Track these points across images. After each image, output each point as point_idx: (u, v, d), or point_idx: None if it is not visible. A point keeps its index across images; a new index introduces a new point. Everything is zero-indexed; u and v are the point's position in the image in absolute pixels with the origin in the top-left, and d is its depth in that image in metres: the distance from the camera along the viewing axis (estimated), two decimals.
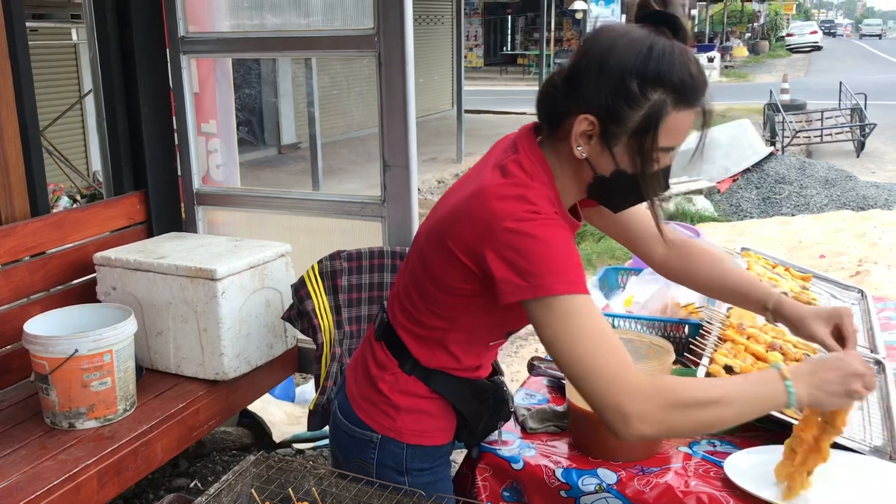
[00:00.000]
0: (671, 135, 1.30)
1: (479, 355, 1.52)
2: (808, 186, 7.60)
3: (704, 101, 1.31)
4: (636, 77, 1.27)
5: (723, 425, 1.32)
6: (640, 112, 1.28)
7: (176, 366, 2.72)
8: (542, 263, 1.27)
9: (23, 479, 2.11)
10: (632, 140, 1.30)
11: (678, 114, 1.28)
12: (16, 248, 2.63)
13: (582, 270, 1.32)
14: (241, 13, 3.09)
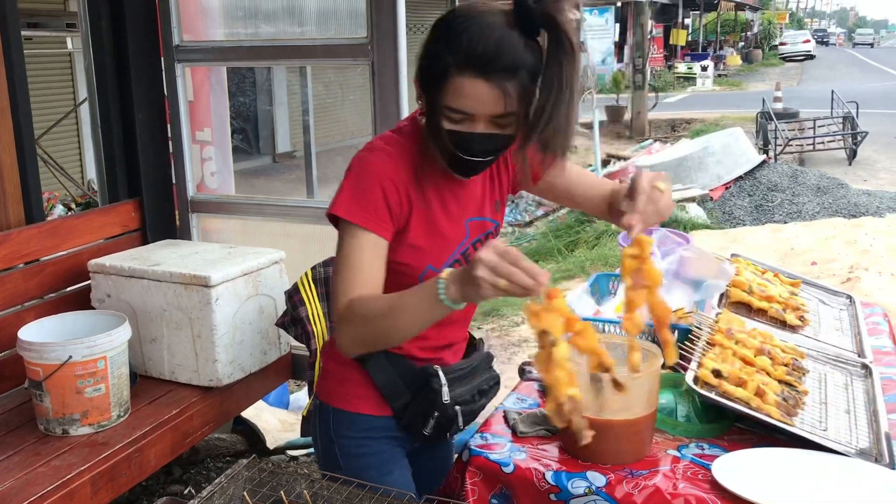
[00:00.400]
0: (457, 97, 1.42)
1: None
2: (800, 194, 7.65)
3: (497, 78, 1.38)
4: (434, 36, 1.45)
5: (402, 332, 1.48)
6: (431, 67, 1.44)
7: (170, 372, 2.73)
8: (343, 188, 1.53)
9: (16, 485, 2.12)
10: (427, 96, 1.47)
11: (462, 78, 1.40)
12: (10, 255, 2.65)
13: (365, 204, 1.50)
14: (235, 22, 3.11)
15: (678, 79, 28.32)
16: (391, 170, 1.54)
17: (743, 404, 1.64)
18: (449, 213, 1.61)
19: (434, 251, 1.60)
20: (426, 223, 1.59)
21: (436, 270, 1.57)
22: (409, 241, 1.57)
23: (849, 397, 1.83)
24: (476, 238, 1.65)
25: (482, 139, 1.46)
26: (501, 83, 1.39)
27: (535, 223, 9.24)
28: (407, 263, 1.58)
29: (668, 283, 2.11)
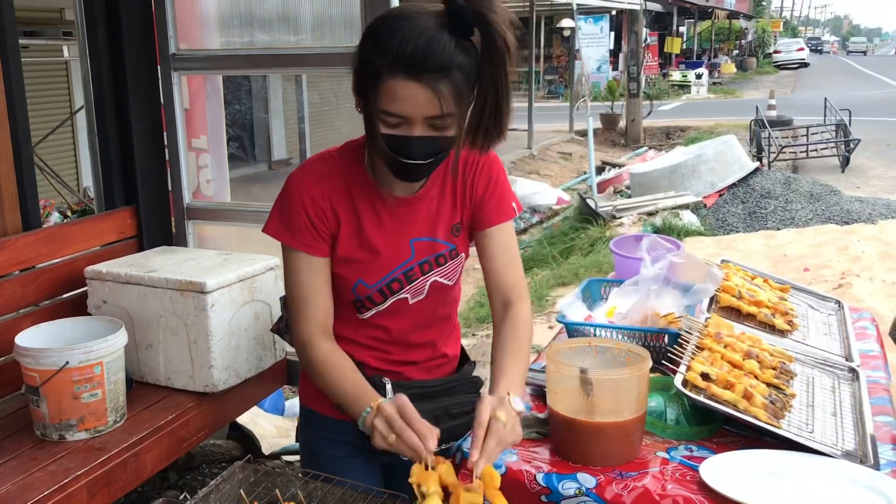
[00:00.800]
0: (389, 100, 1.41)
1: (347, 325, 1.68)
2: (793, 201, 7.69)
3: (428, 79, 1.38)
4: (365, 41, 1.44)
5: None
6: (364, 72, 1.44)
7: (166, 378, 2.75)
8: (273, 208, 1.62)
9: (13, 489, 2.13)
10: (363, 102, 1.47)
11: (394, 81, 1.39)
12: (7, 261, 2.66)
13: (291, 223, 1.57)
14: (231, 31, 3.14)
15: (673, 87, 28.46)
16: (312, 187, 1.57)
17: (731, 407, 1.67)
18: (384, 230, 1.62)
19: (366, 266, 1.62)
20: (356, 238, 1.61)
21: (367, 286, 1.62)
22: (339, 253, 1.61)
23: (836, 400, 1.86)
24: (424, 259, 1.65)
25: (420, 142, 1.45)
26: (434, 84, 1.38)
27: (529, 230, 9.28)
28: (339, 275, 1.62)
29: (657, 289, 2.14)
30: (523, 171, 13.68)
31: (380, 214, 1.61)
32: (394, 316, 1.68)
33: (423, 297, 1.67)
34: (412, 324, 1.70)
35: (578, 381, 1.58)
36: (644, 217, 7.53)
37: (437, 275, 1.67)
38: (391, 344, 1.71)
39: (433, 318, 1.73)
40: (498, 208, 1.66)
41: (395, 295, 1.65)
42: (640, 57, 17.50)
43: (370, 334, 1.70)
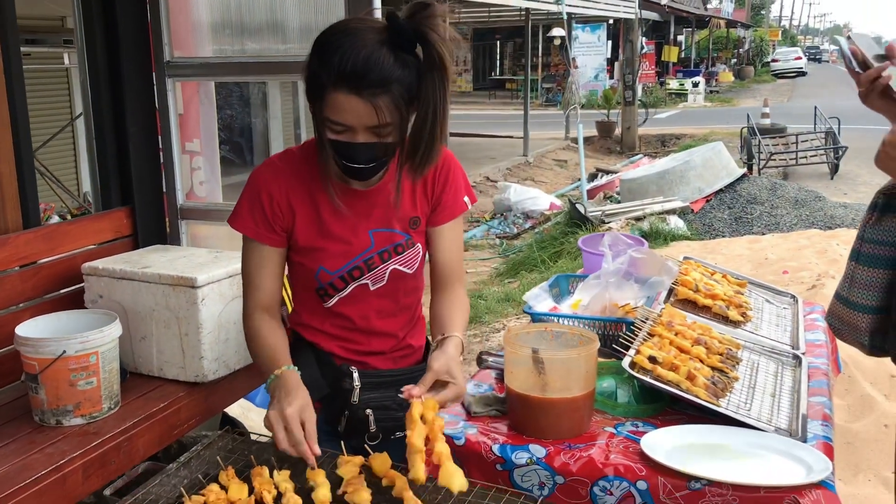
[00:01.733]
0: (333, 110, 1.54)
1: (312, 314, 1.83)
2: (778, 206, 7.84)
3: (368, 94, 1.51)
4: (312, 54, 1.56)
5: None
6: (311, 84, 1.56)
7: (158, 369, 2.88)
8: (238, 201, 1.77)
9: (12, 469, 2.26)
10: (312, 109, 1.60)
11: (337, 93, 1.52)
12: (8, 257, 2.80)
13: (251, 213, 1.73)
14: (223, 39, 3.28)
15: (669, 95, 28.63)
16: (272, 181, 1.72)
17: (674, 386, 1.81)
18: (343, 221, 1.74)
19: (327, 255, 1.75)
20: (315, 228, 1.74)
21: (329, 272, 1.75)
22: (299, 243, 1.75)
23: (777, 383, 2.00)
24: (383, 248, 1.77)
25: (363, 148, 1.58)
26: (373, 98, 1.51)
27: (522, 235, 9.42)
28: (301, 263, 1.77)
29: (616, 281, 2.29)
30: (518, 177, 13.83)
31: (338, 207, 1.73)
32: (356, 302, 1.80)
33: (383, 283, 1.80)
34: (374, 311, 1.82)
35: (531, 360, 1.72)
36: (632, 222, 7.68)
37: (395, 263, 1.79)
38: (355, 332, 1.82)
39: (395, 306, 1.85)
40: (453, 206, 1.82)
41: (356, 281, 1.77)
42: (636, 65, 17.67)
43: (335, 323, 1.82)
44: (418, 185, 1.79)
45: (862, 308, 1.82)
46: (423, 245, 1.83)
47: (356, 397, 1.78)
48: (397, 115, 1.55)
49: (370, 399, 1.78)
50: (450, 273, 1.81)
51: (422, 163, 1.65)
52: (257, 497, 1.40)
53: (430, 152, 1.62)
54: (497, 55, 35.36)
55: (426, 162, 1.65)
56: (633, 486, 1.61)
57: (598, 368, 1.97)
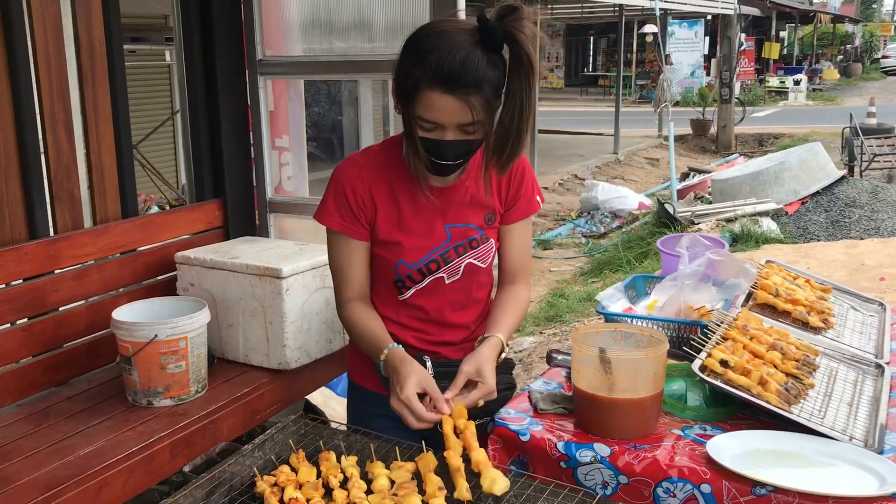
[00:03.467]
0: (426, 109, 1.61)
1: (386, 304, 1.89)
2: (879, 211, 7.52)
3: (462, 93, 1.57)
4: (406, 54, 1.63)
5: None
6: (405, 82, 1.63)
7: (244, 355, 3.00)
8: (323, 196, 1.84)
9: (107, 445, 2.41)
10: (401, 105, 1.67)
11: (432, 92, 1.58)
12: (108, 245, 2.97)
13: (337, 208, 1.80)
14: (312, 38, 3.39)
15: (769, 93, 27.76)
16: (355, 177, 1.79)
17: (744, 391, 1.79)
18: (422, 216, 1.81)
19: (406, 248, 1.81)
20: (395, 223, 1.80)
21: (407, 266, 1.81)
22: (379, 237, 1.81)
23: (855, 392, 1.95)
24: (458, 243, 1.83)
25: (452, 146, 1.64)
26: (466, 97, 1.57)
27: (609, 235, 9.33)
28: (382, 256, 1.84)
29: (693, 283, 2.26)
30: (608, 175, 13.67)
31: (417, 201, 1.81)
32: (431, 295, 1.87)
33: (458, 277, 1.86)
34: (448, 303, 1.89)
35: (598, 360, 1.73)
36: (723, 223, 7.50)
37: (471, 257, 1.86)
38: (429, 323, 1.90)
39: (468, 299, 1.92)
40: (527, 206, 1.88)
41: (433, 274, 1.84)
42: (733, 62, 17.19)
43: (410, 314, 1.89)
44: (494, 182, 1.84)
45: None
46: (495, 240, 1.89)
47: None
48: (486, 113, 1.61)
49: (443, 387, 1.81)
50: (516, 270, 1.87)
51: (508, 159, 1.71)
52: (324, 480, 1.47)
53: (517, 149, 1.68)
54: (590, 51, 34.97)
55: (512, 158, 1.71)
56: (696, 489, 1.60)
57: (668, 370, 1.97)
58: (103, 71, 2.95)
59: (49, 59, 2.75)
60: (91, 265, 2.90)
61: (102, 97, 2.96)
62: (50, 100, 2.76)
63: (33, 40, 2.71)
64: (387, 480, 1.44)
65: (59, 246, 2.77)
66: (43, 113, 2.75)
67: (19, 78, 2.66)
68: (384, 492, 1.40)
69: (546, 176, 12.93)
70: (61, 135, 2.81)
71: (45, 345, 2.75)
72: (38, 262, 2.71)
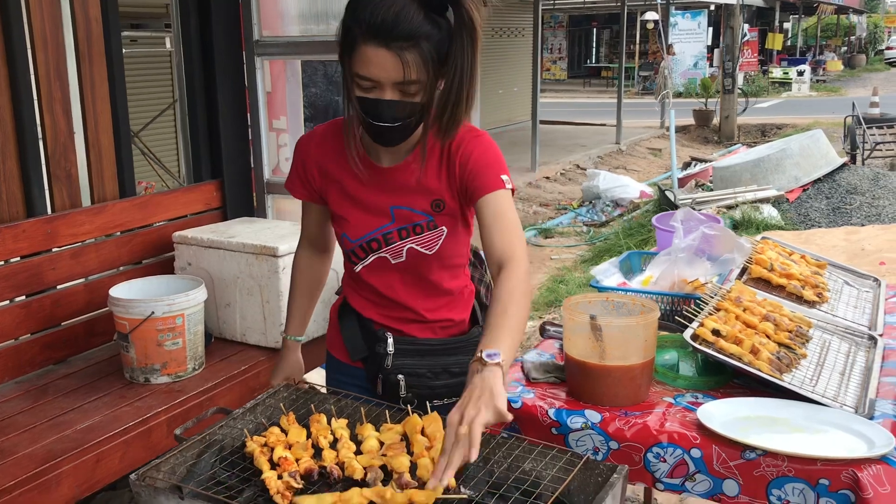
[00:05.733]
0: (363, 65, 1.56)
1: (350, 277, 1.93)
2: (880, 197, 7.51)
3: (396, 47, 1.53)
4: (346, 11, 1.59)
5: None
6: (343, 40, 1.60)
7: (241, 334, 3.01)
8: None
9: (104, 420, 2.43)
10: (343, 68, 1.62)
11: (366, 46, 1.54)
12: (106, 224, 2.98)
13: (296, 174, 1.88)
14: (308, 19, 3.39)
15: (772, 84, 27.67)
16: (305, 151, 1.86)
17: (736, 359, 1.80)
18: (367, 194, 1.78)
19: (350, 223, 1.80)
20: (343, 198, 1.81)
21: (350, 240, 1.81)
22: (332, 208, 1.85)
23: (847, 362, 1.96)
24: (402, 226, 1.78)
25: (389, 105, 1.59)
26: (401, 52, 1.53)
27: (610, 223, 9.32)
28: (334, 228, 1.91)
29: (688, 257, 2.27)
30: (610, 165, 13.65)
31: (363, 179, 1.78)
32: (379, 273, 1.84)
33: (402, 259, 1.81)
34: (399, 282, 1.84)
35: (589, 327, 1.73)
36: (723, 210, 7.50)
37: (413, 242, 1.79)
38: (385, 300, 1.86)
39: (420, 281, 1.85)
40: (485, 179, 1.71)
41: (375, 253, 1.81)
42: (736, 53, 17.14)
43: (366, 289, 1.88)
44: (443, 164, 1.76)
45: None
46: (449, 228, 1.80)
47: (389, 362, 1.83)
48: (424, 73, 1.56)
49: (403, 365, 1.83)
50: (500, 256, 1.65)
51: (448, 126, 1.67)
52: (314, 441, 1.47)
53: (457, 114, 1.64)
54: (593, 43, 34.87)
55: (453, 125, 1.66)
56: (686, 454, 1.61)
57: (661, 341, 1.98)
58: (100, 50, 2.96)
59: (46, 39, 2.76)
60: (89, 244, 2.92)
61: (99, 77, 2.97)
62: (47, 79, 2.77)
63: (29, 20, 2.71)
64: (376, 441, 1.45)
65: (57, 224, 2.78)
66: (40, 92, 2.76)
67: (16, 57, 2.66)
68: (373, 452, 1.41)
69: (548, 166, 12.92)
70: (58, 114, 2.82)
71: (44, 322, 2.77)
72: (36, 239, 2.72)
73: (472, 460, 1.27)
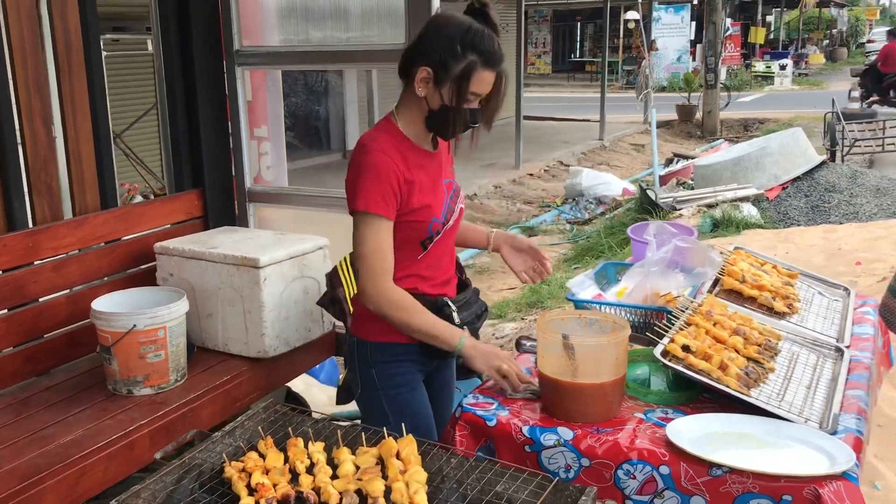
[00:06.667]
0: (478, 84, 2.00)
1: (404, 266, 2.12)
2: (858, 195, 7.59)
3: (502, 68, 2.03)
4: (459, 42, 1.96)
5: (414, 335, 2.07)
6: (461, 65, 1.97)
7: (223, 344, 3.03)
8: (354, 184, 2.03)
9: (86, 433, 2.44)
10: (454, 84, 1.99)
11: (483, 71, 1.99)
12: (87, 236, 2.99)
13: (382, 196, 2.00)
14: (288, 29, 3.40)
15: (755, 78, 27.79)
16: (391, 164, 2.01)
17: (705, 375, 1.84)
18: (431, 179, 2.13)
19: (433, 207, 2.11)
20: (421, 190, 2.07)
21: (438, 221, 2.12)
22: (414, 205, 2.07)
23: (815, 375, 2.00)
24: (450, 194, 2.19)
25: (477, 112, 2.05)
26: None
27: (593, 221, 9.38)
28: (415, 221, 2.09)
29: (660, 270, 2.31)
30: (593, 161, 13.71)
31: (425, 168, 2.11)
32: (440, 245, 2.17)
33: (454, 220, 2.20)
34: (448, 247, 2.23)
35: (562, 346, 1.77)
36: (704, 209, 7.56)
37: (461, 202, 2.24)
38: (437, 269, 2.19)
39: (452, 238, 2.25)
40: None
41: (446, 225, 2.16)
42: (718, 47, 17.21)
43: (427, 263, 2.16)
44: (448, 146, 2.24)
45: None
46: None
47: (457, 319, 2.15)
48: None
49: (464, 318, 2.18)
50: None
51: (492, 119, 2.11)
52: (291, 465, 1.51)
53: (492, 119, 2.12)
54: (577, 37, 34.90)
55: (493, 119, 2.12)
56: (655, 471, 1.65)
57: (634, 356, 2.02)
58: (80, 62, 2.96)
59: (25, 51, 2.76)
60: (71, 256, 2.93)
61: (80, 88, 2.98)
62: (27, 91, 2.78)
63: (8, 32, 2.72)
64: (352, 466, 1.48)
65: (38, 237, 2.80)
66: (20, 105, 2.76)
67: None
68: (349, 476, 1.45)
69: (531, 163, 12.95)
70: (39, 126, 2.83)
71: (26, 335, 2.78)
72: (17, 253, 2.73)
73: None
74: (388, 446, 1.51)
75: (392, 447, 1.51)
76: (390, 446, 1.51)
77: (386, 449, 1.51)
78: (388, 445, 1.52)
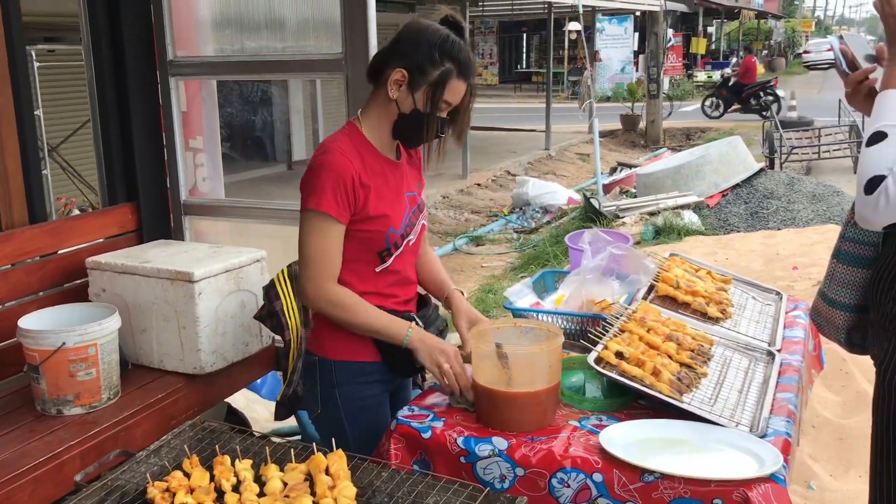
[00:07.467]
0: (451, 93, 2.00)
1: (364, 281, 2.08)
2: (795, 201, 7.77)
3: (473, 81, 2.04)
4: (438, 49, 1.97)
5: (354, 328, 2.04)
6: (437, 71, 1.97)
7: (158, 361, 2.96)
8: (308, 183, 1.99)
9: (12, 456, 2.36)
10: (429, 89, 1.99)
11: (457, 81, 2.00)
12: (14, 252, 2.89)
13: (335, 197, 1.96)
14: (223, 39, 3.36)
15: (697, 87, 28.35)
16: (349, 166, 1.98)
17: (638, 382, 1.85)
18: (391, 189, 2.09)
19: (392, 217, 2.07)
20: (379, 197, 2.03)
21: (395, 232, 2.07)
22: (370, 213, 2.02)
23: (746, 379, 2.03)
24: (413, 208, 2.15)
25: (445, 121, 2.06)
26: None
27: (539, 230, 9.44)
28: (371, 230, 2.04)
29: (596, 277, 2.32)
30: (539, 171, 13.82)
31: (385, 175, 2.08)
32: (402, 259, 2.13)
33: (416, 236, 2.17)
34: (409, 262, 2.19)
35: (496, 355, 1.77)
36: (646, 217, 7.66)
37: (423, 218, 2.21)
38: (399, 285, 2.15)
39: (415, 256, 2.22)
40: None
41: (408, 237, 2.12)
42: (660, 58, 17.54)
43: (388, 280, 2.12)
44: (415, 160, 2.22)
45: (841, 306, 1.86)
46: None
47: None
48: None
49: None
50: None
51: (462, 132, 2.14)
52: (217, 484, 1.47)
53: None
54: (523, 48, 35.23)
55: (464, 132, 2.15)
56: (589, 479, 1.65)
57: (569, 363, 2.02)
58: (4, 73, 2.88)
59: None
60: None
61: (4, 100, 2.89)
62: None
63: None
64: (279, 482, 1.45)
65: None
66: None
67: None
68: (276, 494, 1.42)
69: (479, 172, 13.00)
70: None
71: None
72: None
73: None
74: (317, 462, 1.48)
75: (321, 463, 1.48)
76: (319, 462, 1.48)
77: (314, 465, 1.48)
78: (317, 461, 1.49)
